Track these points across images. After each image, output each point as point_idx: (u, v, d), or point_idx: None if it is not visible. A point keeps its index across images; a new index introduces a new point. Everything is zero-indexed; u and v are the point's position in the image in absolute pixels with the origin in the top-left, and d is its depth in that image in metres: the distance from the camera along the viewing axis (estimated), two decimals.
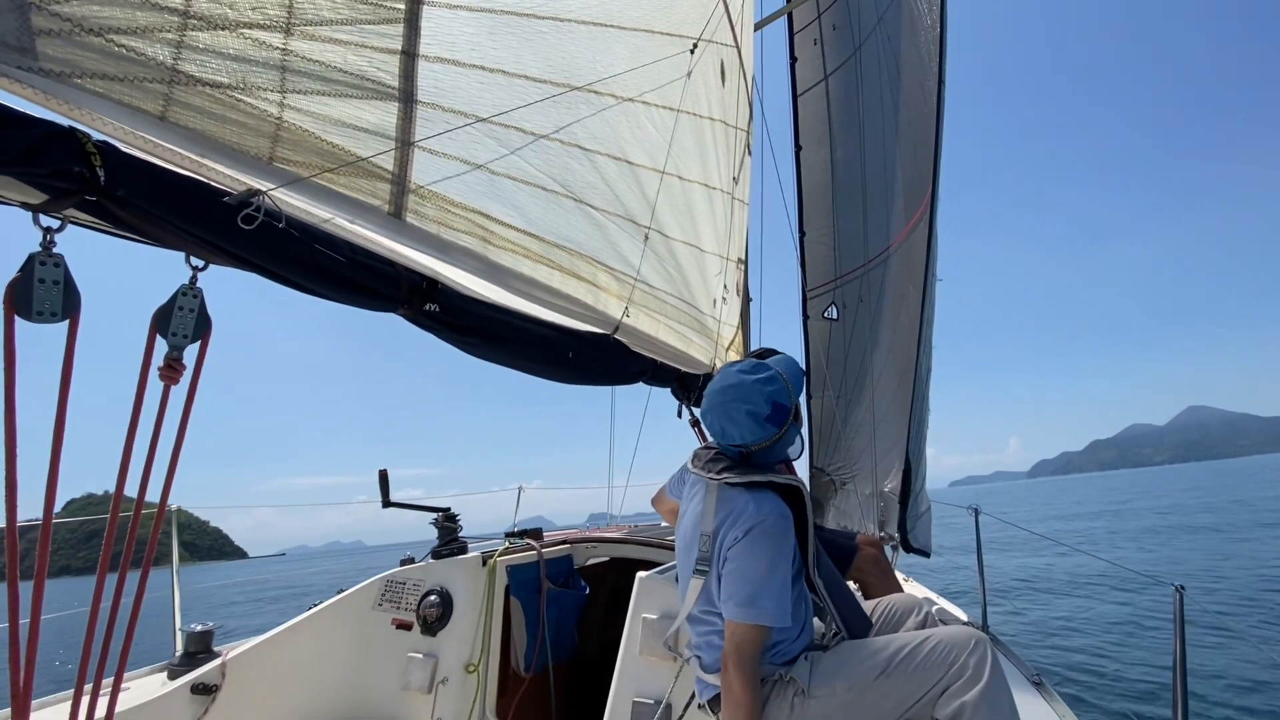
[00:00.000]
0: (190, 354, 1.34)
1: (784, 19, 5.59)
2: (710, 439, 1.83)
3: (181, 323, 1.29)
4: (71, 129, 1.12)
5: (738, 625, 1.53)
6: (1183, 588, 1.88)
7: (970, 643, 1.52)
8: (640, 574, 2.23)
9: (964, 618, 3.05)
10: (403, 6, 1.66)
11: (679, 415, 3.70)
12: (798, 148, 6.24)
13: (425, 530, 2.99)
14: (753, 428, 1.66)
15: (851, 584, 2.85)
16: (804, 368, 6.46)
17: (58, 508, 1.20)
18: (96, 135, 1.16)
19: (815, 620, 1.80)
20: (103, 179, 1.12)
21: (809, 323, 6.38)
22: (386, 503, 2.63)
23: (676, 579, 2.00)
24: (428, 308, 1.85)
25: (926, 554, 4.21)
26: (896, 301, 5.38)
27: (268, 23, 1.38)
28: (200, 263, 1.34)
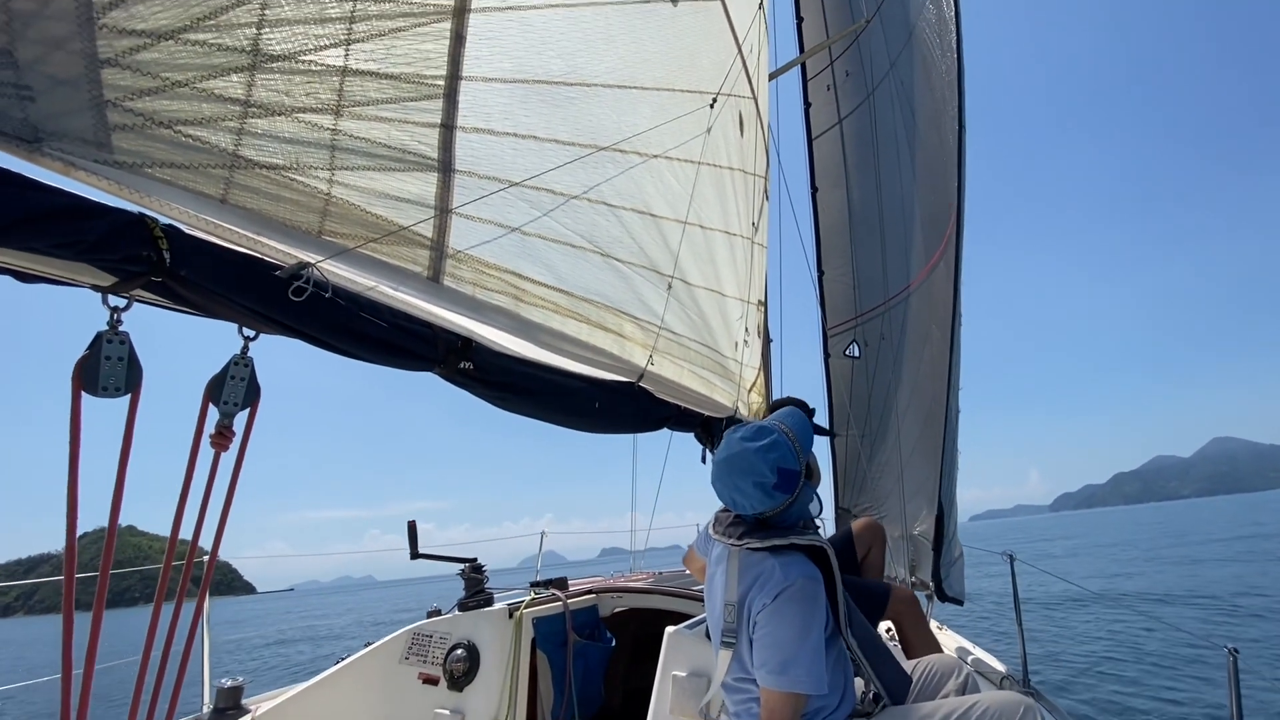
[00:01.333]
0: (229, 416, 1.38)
1: (797, 67, 5.74)
2: None
3: (233, 391, 1.34)
4: (141, 215, 1.19)
5: (772, 693, 1.50)
6: (1236, 650, 1.80)
7: (1019, 711, 1.47)
8: (669, 629, 2.20)
9: (1002, 669, 2.94)
10: (443, 83, 1.75)
11: (703, 460, 3.68)
12: (814, 189, 6.32)
13: (436, 565, 2.94)
14: (761, 498, 1.63)
15: (886, 626, 2.78)
16: (826, 406, 6.40)
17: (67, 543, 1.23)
18: (163, 219, 1.23)
19: (857, 680, 1.75)
20: (168, 261, 1.19)
21: (830, 360, 6.36)
22: (415, 554, 2.63)
23: (707, 635, 1.97)
24: (462, 366, 1.89)
25: (960, 602, 4.09)
26: (919, 340, 5.35)
27: (320, 106, 1.46)
28: (251, 333, 1.39)
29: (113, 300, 1.18)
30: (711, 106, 3.29)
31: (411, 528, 2.61)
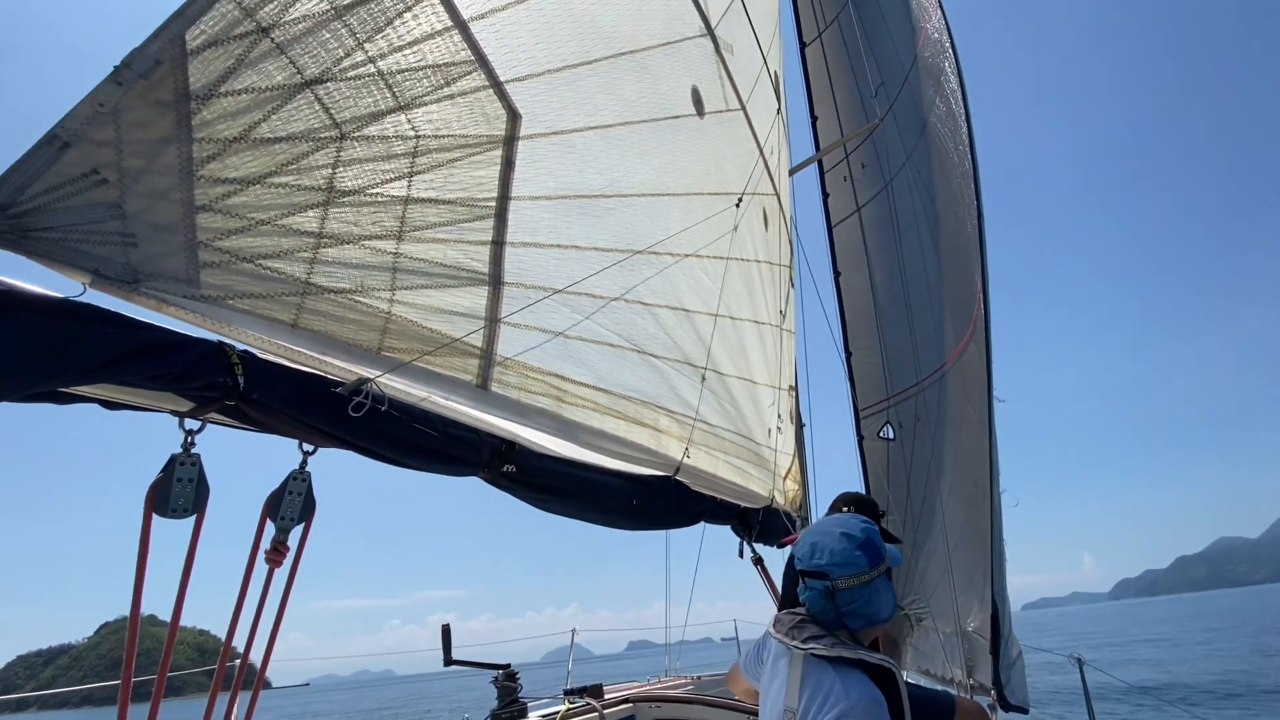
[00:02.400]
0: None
1: (816, 162, 6.01)
2: (793, 598, 1.74)
3: (290, 506, 1.37)
4: (220, 344, 1.27)
5: None
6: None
7: None
8: None
9: None
10: (494, 203, 1.88)
11: (740, 555, 3.56)
12: (836, 273, 6.44)
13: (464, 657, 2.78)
14: (846, 548, 1.55)
15: None
16: (864, 489, 6.22)
17: (90, 631, 1.22)
18: (239, 346, 1.31)
19: None
20: (242, 385, 1.25)
21: (864, 443, 6.23)
22: (449, 660, 2.55)
23: None
24: (506, 469, 1.91)
25: (1025, 710, 3.75)
26: (956, 421, 5.24)
27: (384, 233, 1.57)
28: (310, 448, 1.44)
29: (188, 424, 1.23)
30: (737, 206, 3.44)
31: (445, 632, 2.54)
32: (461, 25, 1.79)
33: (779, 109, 4.31)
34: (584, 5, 2.24)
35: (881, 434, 6.11)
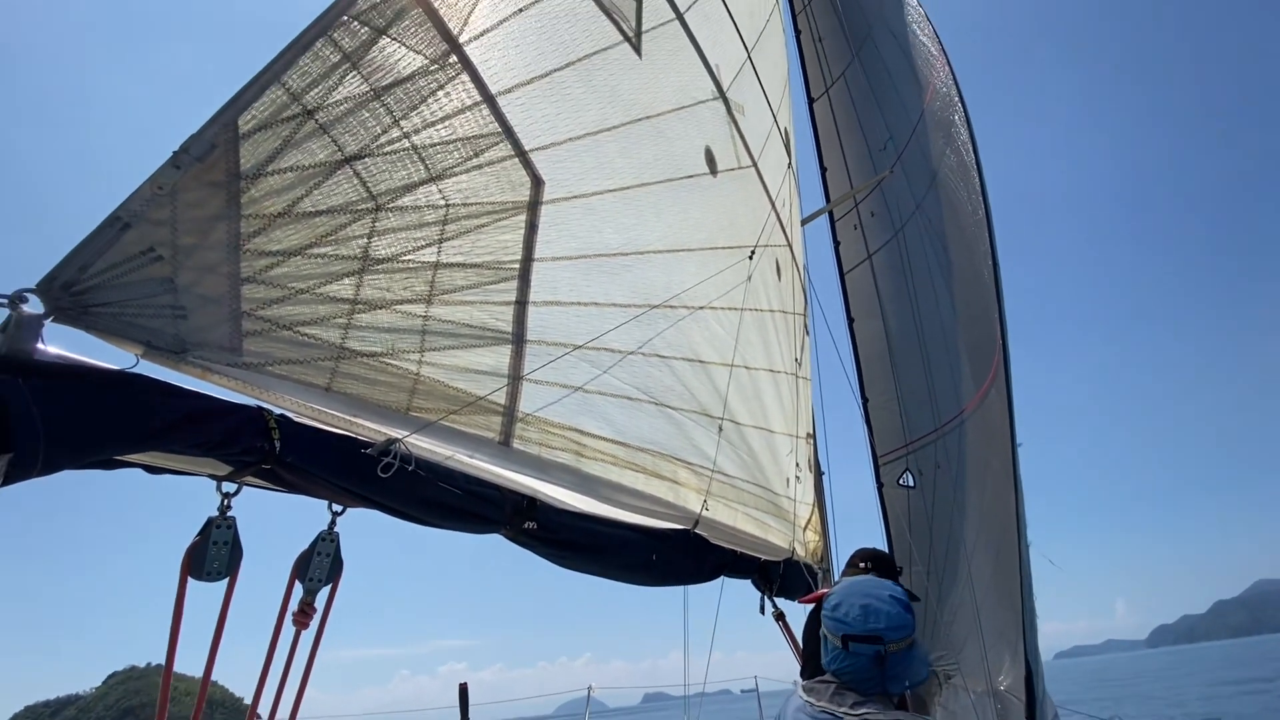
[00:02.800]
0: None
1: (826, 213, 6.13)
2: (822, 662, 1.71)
3: (319, 567, 1.39)
4: (260, 409, 1.31)
5: None
6: None
7: None
8: None
9: None
10: (518, 265, 1.95)
11: (761, 610, 3.48)
12: (850, 319, 6.47)
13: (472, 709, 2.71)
14: (899, 611, 1.55)
15: None
16: (885, 538, 6.08)
17: (98, 680, 1.22)
18: (276, 410, 1.35)
19: None
20: (278, 449, 1.29)
21: (884, 490, 6.13)
22: None
23: None
24: (526, 526, 1.92)
25: None
26: (979, 469, 5.16)
27: (415, 297, 1.64)
28: (339, 508, 1.47)
29: (225, 487, 1.27)
30: (751, 258, 3.51)
31: (463, 693, 2.50)
32: (490, 99, 1.90)
33: (789, 163, 4.44)
34: (603, 77, 2.36)
35: (901, 481, 6.02)
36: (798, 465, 4.15)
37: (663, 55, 2.75)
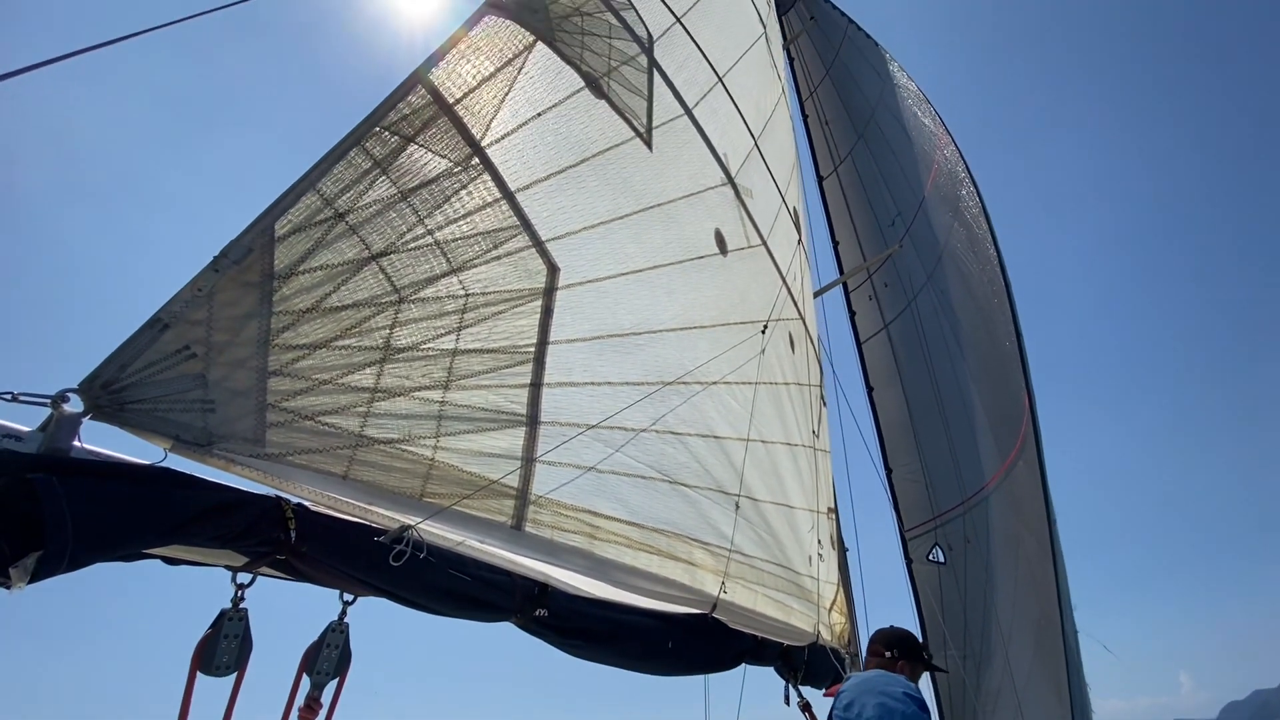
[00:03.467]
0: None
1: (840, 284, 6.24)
2: None
3: (327, 660, 1.37)
4: (278, 499, 1.34)
5: None
6: None
7: None
8: None
9: None
10: (533, 349, 2.01)
11: (786, 701, 3.30)
12: (869, 388, 6.43)
13: None
14: (915, 712, 1.48)
15: None
16: (916, 620, 5.78)
17: None
18: (294, 500, 1.38)
19: None
20: (293, 539, 1.31)
21: (913, 567, 5.88)
22: None
23: None
24: (538, 613, 1.88)
25: None
26: (1009, 544, 4.96)
27: (433, 383, 1.69)
28: (350, 597, 1.46)
29: (240, 578, 1.28)
30: (763, 332, 3.56)
31: None
32: (509, 196, 2.02)
33: (799, 239, 4.57)
34: (616, 170, 2.50)
35: (931, 557, 5.78)
36: (820, 542, 4.03)
37: (672, 147, 2.91)
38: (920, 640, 1.87)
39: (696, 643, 2.51)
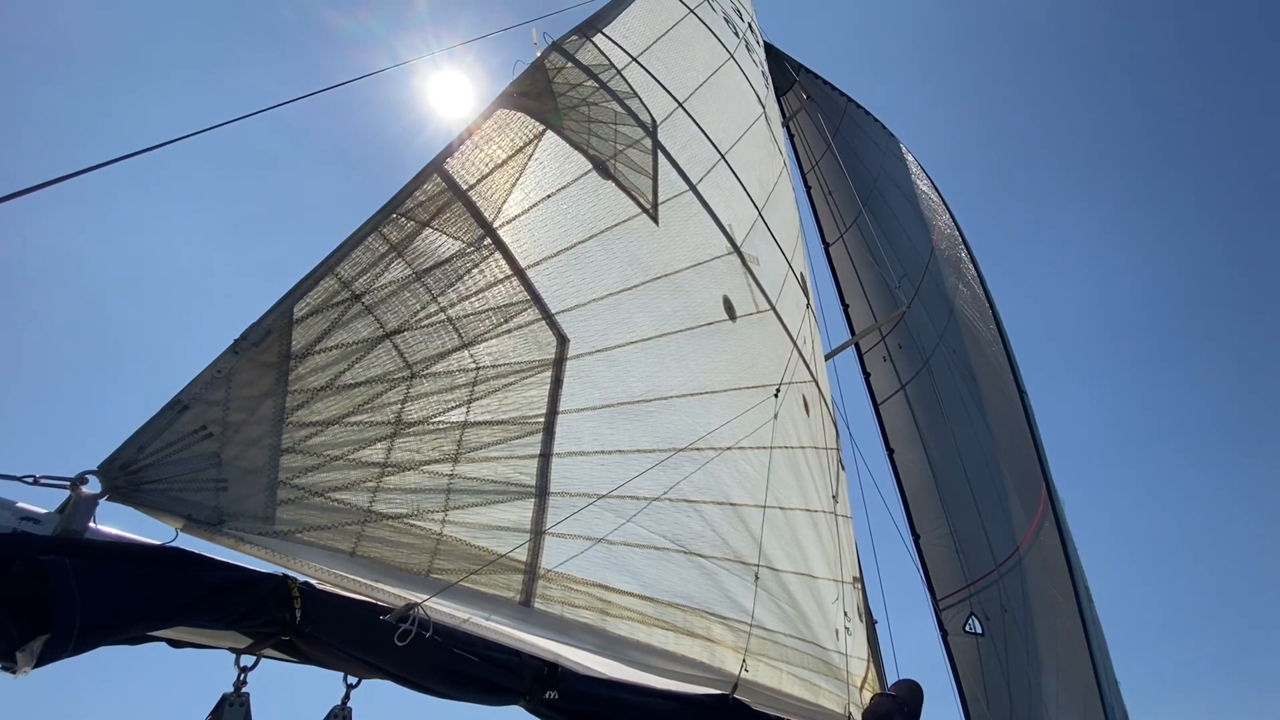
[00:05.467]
0: None
1: (853, 345, 6.26)
2: None
3: None
4: (284, 578, 1.34)
5: None
6: None
7: None
8: None
9: None
10: (542, 419, 2.03)
11: None
12: (889, 450, 6.31)
13: None
14: None
15: None
16: (958, 699, 5.41)
17: None
18: (300, 578, 1.38)
19: None
20: (298, 619, 1.30)
21: (949, 639, 5.56)
22: None
23: None
24: (548, 696, 1.81)
25: None
26: (1048, 613, 4.70)
27: (442, 457, 1.71)
28: (355, 680, 1.43)
29: (244, 660, 1.26)
30: (776, 395, 3.55)
31: None
32: (520, 273, 2.11)
33: (808, 304, 4.62)
34: (623, 244, 2.60)
35: (968, 628, 5.48)
36: (846, 614, 3.85)
37: (678, 221, 3.02)
38: (895, 698, 1.76)
39: None
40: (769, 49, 6.11)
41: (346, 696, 1.40)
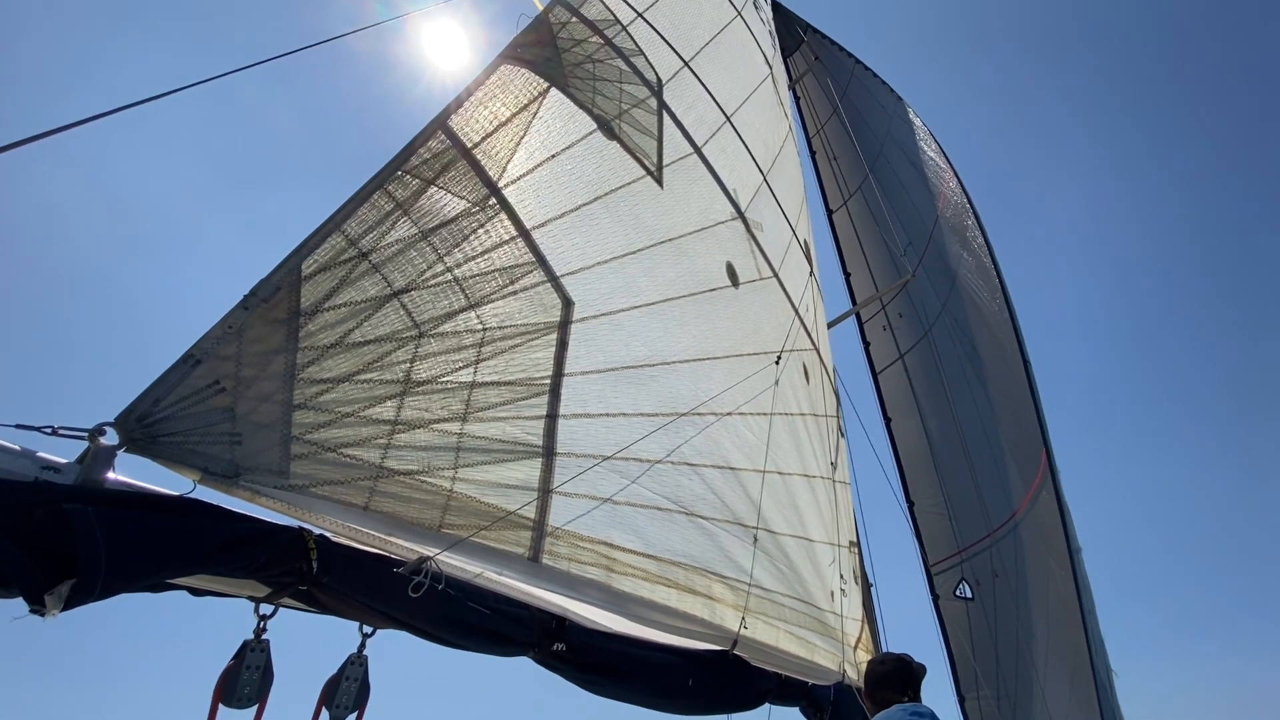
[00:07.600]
0: None
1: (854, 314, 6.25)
2: None
3: (346, 693, 1.37)
4: (300, 530, 1.37)
5: None
6: None
7: None
8: None
9: None
10: (549, 380, 2.04)
11: None
12: (887, 419, 6.36)
13: None
14: None
15: None
16: (946, 659, 5.57)
17: None
18: (316, 530, 1.41)
19: None
20: (315, 570, 1.33)
21: (940, 603, 5.70)
22: None
23: None
24: (555, 648, 1.86)
25: None
26: (1040, 579, 4.81)
27: (451, 415, 1.73)
28: (370, 629, 1.47)
29: (263, 608, 1.30)
30: (777, 362, 3.57)
31: None
32: (525, 234, 2.09)
33: (811, 271, 4.61)
34: (628, 207, 2.57)
35: (958, 592, 5.61)
36: (842, 577, 3.94)
37: (683, 184, 2.99)
38: (884, 666, 1.83)
39: (718, 681, 2.45)
40: (776, 7, 5.95)
41: (362, 645, 1.44)
